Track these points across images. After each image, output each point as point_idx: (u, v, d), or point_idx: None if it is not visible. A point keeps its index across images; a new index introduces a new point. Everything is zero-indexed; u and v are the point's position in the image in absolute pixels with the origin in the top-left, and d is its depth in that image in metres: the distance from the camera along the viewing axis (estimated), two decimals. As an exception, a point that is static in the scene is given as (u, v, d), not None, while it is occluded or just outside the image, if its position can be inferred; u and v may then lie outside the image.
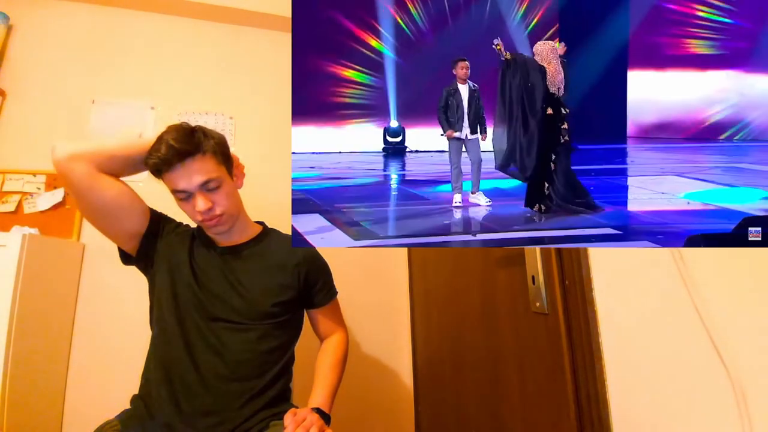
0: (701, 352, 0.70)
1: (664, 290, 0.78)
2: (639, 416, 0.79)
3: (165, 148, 0.91)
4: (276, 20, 2.02)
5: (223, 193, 0.98)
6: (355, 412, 1.74)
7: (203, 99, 1.91)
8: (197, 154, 0.93)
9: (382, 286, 1.95)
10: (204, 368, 0.96)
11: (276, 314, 1.04)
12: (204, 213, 0.95)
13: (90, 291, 1.62)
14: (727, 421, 0.66)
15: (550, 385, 0.97)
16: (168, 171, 0.93)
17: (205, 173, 0.94)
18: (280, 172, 1.87)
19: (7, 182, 1.63)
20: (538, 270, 1.02)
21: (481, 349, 1.30)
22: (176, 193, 0.96)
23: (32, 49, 1.78)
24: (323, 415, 0.96)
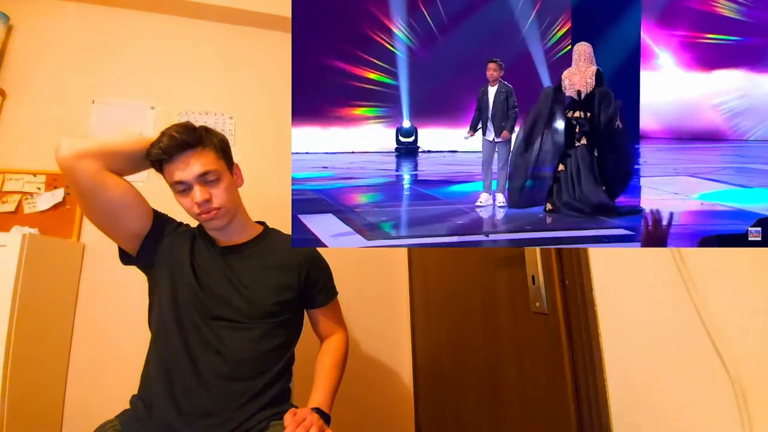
0: (701, 351, 0.70)
1: (664, 290, 0.78)
2: (639, 416, 0.79)
3: (167, 139, 0.94)
4: (276, 20, 2.02)
5: (221, 187, 0.99)
6: (355, 412, 1.74)
7: (203, 99, 1.91)
8: (198, 147, 0.96)
9: (382, 286, 1.95)
10: (204, 368, 0.95)
11: (276, 314, 1.04)
12: (201, 205, 0.96)
13: (90, 291, 1.62)
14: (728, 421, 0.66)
15: (550, 385, 0.97)
16: (168, 162, 0.95)
17: (204, 165, 0.96)
18: (280, 172, 1.87)
19: (7, 182, 1.63)
20: (538, 270, 1.02)
21: (481, 349, 1.30)
22: (175, 186, 0.97)
23: (32, 49, 1.78)
24: (323, 415, 0.96)
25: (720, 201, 1.75)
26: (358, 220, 1.66)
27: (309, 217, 1.68)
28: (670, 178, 2.18)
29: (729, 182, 2.07)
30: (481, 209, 1.72)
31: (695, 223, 1.53)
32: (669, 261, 0.77)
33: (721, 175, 2.25)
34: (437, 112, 3.49)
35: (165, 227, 1.07)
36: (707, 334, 0.70)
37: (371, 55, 3.47)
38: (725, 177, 2.19)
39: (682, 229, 1.45)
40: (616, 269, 0.87)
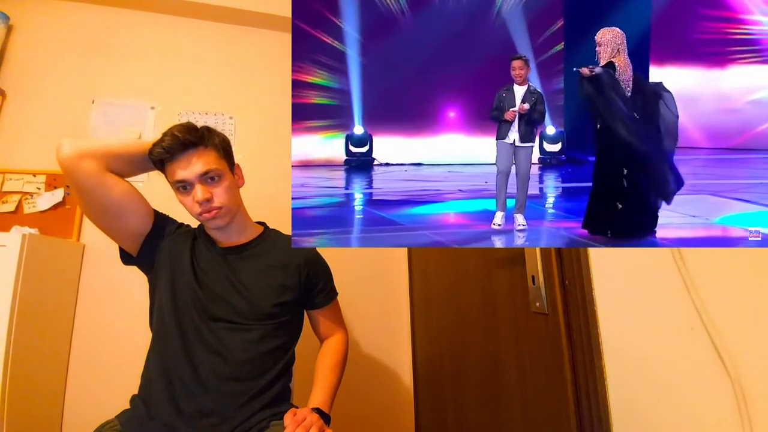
0: (701, 351, 0.70)
1: (664, 290, 0.78)
2: (639, 416, 0.79)
3: (169, 138, 0.95)
4: (276, 20, 2.02)
5: (222, 186, 1.00)
6: (355, 413, 1.74)
7: (203, 99, 1.91)
8: (200, 146, 0.97)
9: (382, 286, 1.96)
10: (204, 368, 0.95)
11: (277, 315, 1.04)
12: (202, 204, 0.96)
13: (90, 291, 1.62)
14: (728, 421, 0.66)
15: (550, 385, 0.97)
16: (170, 161, 0.96)
17: (206, 164, 0.97)
18: (280, 172, 1.87)
19: (7, 182, 1.63)
20: (538, 270, 1.02)
21: (481, 349, 1.30)
22: (176, 185, 0.97)
23: (32, 49, 1.78)
24: (323, 415, 0.96)
25: (749, 225, 1.40)
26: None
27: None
28: (687, 197, 1.65)
29: (761, 202, 1.68)
30: (498, 236, 1.42)
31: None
32: (669, 261, 0.77)
33: (752, 193, 1.84)
34: (397, 116, 2.76)
35: (165, 228, 1.07)
36: (707, 334, 0.70)
37: (312, 56, 2.70)
38: (757, 196, 1.78)
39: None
40: (616, 269, 0.87)
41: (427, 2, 2.69)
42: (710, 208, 1.63)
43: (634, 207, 1.26)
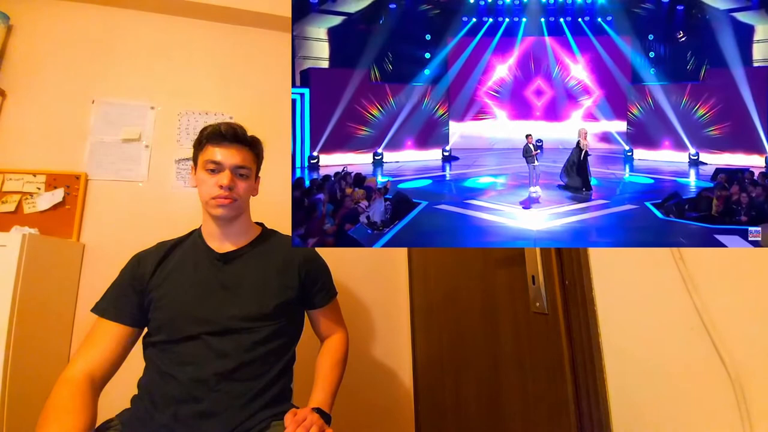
0: (701, 351, 0.70)
1: (664, 290, 0.78)
2: (639, 416, 0.79)
3: (225, 126, 1.05)
4: (276, 20, 2.02)
5: (246, 184, 1.09)
6: (356, 412, 1.74)
7: (203, 99, 1.91)
8: (246, 145, 1.09)
9: (382, 286, 1.95)
10: (204, 369, 0.95)
11: (277, 315, 1.04)
12: (224, 188, 1.03)
13: (90, 291, 1.62)
14: (728, 421, 0.66)
15: (550, 385, 0.97)
16: (215, 144, 1.05)
17: (243, 160, 1.07)
18: (279, 172, 1.87)
19: (7, 182, 1.63)
20: (538, 270, 1.02)
21: (481, 349, 1.30)
22: (209, 164, 1.04)
23: (32, 49, 1.78)
24: (323, 415, 0.96)
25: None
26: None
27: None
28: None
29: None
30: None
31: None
32: (669, 261, 0.77)
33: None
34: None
35: (143, 282, 1.05)
36: (707, 334, 0.70)
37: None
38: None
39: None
40: (616, 269, 0.87)
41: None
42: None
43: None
